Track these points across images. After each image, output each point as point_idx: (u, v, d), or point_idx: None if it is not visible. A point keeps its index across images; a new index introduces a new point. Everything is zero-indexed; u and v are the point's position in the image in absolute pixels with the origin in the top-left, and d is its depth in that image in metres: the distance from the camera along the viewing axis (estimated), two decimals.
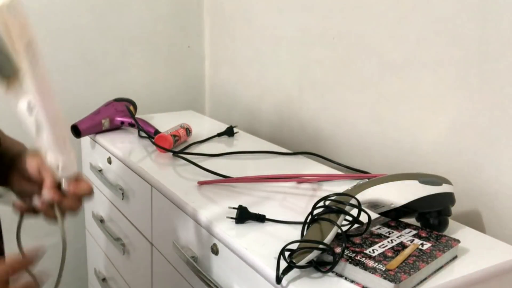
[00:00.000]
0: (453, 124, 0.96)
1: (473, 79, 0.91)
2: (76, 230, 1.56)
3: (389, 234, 0.75)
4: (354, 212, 0.73)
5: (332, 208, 0.72)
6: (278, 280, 0.66)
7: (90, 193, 0.67)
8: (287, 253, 0.68)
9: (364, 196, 0.76)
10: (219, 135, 1.30)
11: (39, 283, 0.62)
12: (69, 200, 0.66)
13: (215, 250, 0.82)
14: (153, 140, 1.19)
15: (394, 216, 0.80)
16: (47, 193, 0.64)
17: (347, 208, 0.72)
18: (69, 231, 1.49)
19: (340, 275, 0.68)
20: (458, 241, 0.74)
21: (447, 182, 0.82)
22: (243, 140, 1.29)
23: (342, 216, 0.71)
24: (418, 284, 0.67)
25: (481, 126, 0.91)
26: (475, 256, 0.76)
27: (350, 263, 0.67)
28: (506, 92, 0.87)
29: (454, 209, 0.82)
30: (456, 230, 0.83)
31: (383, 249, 0.70)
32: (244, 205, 0.83)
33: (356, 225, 0.75)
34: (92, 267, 1.47)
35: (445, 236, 0.75)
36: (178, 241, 0.93)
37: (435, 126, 0.99)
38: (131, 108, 1.33)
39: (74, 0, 1.47)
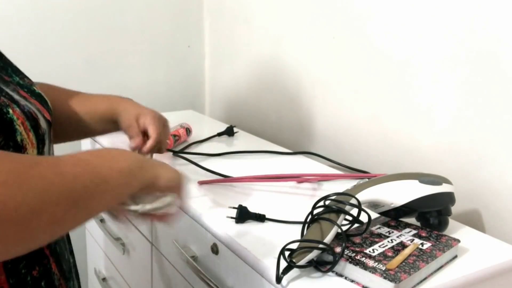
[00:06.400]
0: (453, 124, 0.96)
1: (473, 79, 0.91)
2: (76, 230, 1.55)
3: (389, 233, 0.75)
4: (354, 211, 0.73)
5: (332, 207, 0.71)
6: (278, 279, 0.66)
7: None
8: (287, 253, 0.68)
9: (364, 195, 0.76)
10: (219, 134, 1.30)
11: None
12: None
13: (215, 250, 0.82)
14: None
15: (394, 216, 0.80)
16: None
17: (347, 207, 0.72)
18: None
19: (340, 275, 0.68)
20: (458, 241, 0.74)
21: (447, 182, 0.82)
22: (243, 140, 1.29)
23: (342, 216, 0.71)
24: (418, 283, 0.67)
25: (481, 126, 0.91)
26: (475, 256, 0.76)
27: (350, 262, 0.67)
28: (506, 91, 0.86)
29: (454, 209, 0.82)
30: (456, 230, 0.83)
31: (383, 249, 0.70)
32: (244, 205, 0.83)
33: (356, 225, 0.74)
34: (92, 267, 1.47)
35: (445, 235, 0.75)
36: (178, 241, 0.93)
37: (435, 126, 0.99)
38: None
39: (74, 0, 1.47)
